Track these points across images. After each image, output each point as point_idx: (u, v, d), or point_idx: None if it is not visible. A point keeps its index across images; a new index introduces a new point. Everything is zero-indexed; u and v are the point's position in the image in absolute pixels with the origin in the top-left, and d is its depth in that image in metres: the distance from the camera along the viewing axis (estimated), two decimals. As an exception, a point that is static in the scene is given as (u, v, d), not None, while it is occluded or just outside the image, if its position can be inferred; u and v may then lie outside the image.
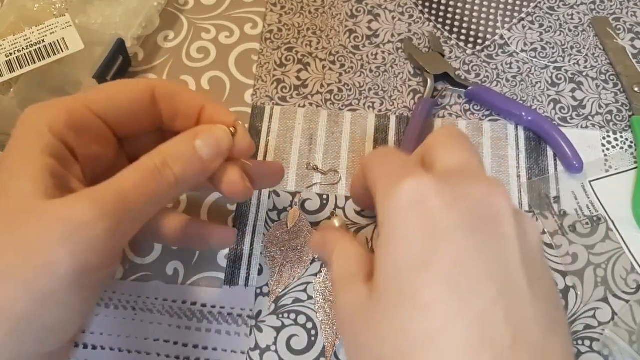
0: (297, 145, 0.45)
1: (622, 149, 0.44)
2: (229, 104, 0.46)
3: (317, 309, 0.38)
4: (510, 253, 0.25)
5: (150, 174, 0.28)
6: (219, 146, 0.30)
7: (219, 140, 0.30)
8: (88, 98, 0.30)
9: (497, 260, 0.24)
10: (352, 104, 0.46)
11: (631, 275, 0.39)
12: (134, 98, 0.31)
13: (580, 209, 0.42)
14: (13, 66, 0.43)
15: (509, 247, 0.25)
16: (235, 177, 0.31)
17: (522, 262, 0.25)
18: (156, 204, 0.29)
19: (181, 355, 0.37)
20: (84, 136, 0.29)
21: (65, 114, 0.28)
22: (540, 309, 0.24)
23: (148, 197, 0.28)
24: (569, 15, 0.51)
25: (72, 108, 0.29)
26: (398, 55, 0.49)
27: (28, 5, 0.47)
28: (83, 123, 0.29)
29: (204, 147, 0.30)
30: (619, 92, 0.47)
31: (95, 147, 0.30)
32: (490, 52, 0.49)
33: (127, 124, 0.31)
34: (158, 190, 0.28)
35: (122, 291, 0.39)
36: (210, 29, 0.50)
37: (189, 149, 0.30)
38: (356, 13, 0.51)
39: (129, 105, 0.31)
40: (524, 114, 0.44)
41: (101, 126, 0.30)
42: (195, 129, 0.31)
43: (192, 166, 0.29)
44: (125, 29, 0.46)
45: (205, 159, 0.30)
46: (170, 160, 0.29)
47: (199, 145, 0.30)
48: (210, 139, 0.30)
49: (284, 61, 0.48)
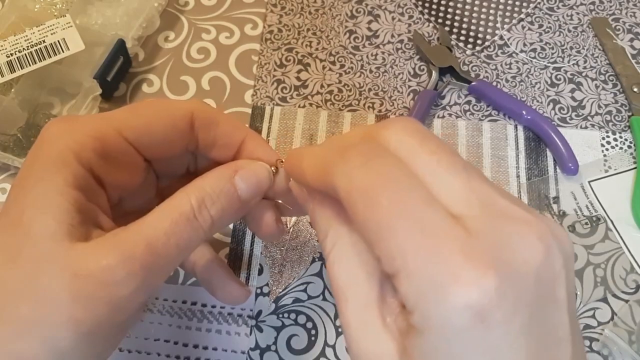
0: (297, 146, 0.45)
1: (621, 149, 0.44)
2: (229, 104, 0.47)
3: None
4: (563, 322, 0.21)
5: (185, 221, 0.26)
6: (259, 186, 0.28)
7: (261, 179, 0.28)
8: (121, 121, 0.27)
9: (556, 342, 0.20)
10: (352, 105, 0.46)
11: (630, 275, 0.39)
12: (172, 125, 0.28)
13: (579, 209, 0.42)
14: (14, 66, 0.43)
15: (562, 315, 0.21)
16: (270, 219, 0.30)
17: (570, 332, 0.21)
18: (188, 251, 0.27)
19: (181, 355, 0.38)
20: (113, 163, 0.27)
21: (94, 140, 0.26)
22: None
23: (181, 247, 0.26)
24: (568, 15, 0.51)
25: (102, 133, 0.26)
26: (398, 55, 0.49)
27: (29, 5, 0.47)
28: (113, 150, 0.27)
29: (244, 186, 0.28)
30: (618, 93, 0.47)
31: (124, 174, 0.28)
32: (489, 53, 0.49)
33: (160, 149, 0.29)
34: (192, 237, 0.26)
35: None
36: (211, 30, 0.50)
37: (229, 188, 0.27)
38: (356, 14, 0.51)
39: (165, 132, 0.28)
40: (524, 112, 0.44)
41: (132, 153, 0.28)
42: (235, 164, 0.29)
43: (231, 207, 0.27)
44: (125, 29, 0.47)
45: (244, 199, 0.28)
46: (209, 200, 0.26)
47: (239, 182, 0.28)
48: (252, 178, 0.28)
49: (284, 62, 0.48)
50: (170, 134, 0.28)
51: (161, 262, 0.25)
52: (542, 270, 0.20)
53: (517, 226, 0.20)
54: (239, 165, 0.29)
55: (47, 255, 0.23)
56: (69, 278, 0.23)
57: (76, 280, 0.23)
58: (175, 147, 0.29)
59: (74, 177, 0.25)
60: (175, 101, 0.33)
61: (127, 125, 0.27)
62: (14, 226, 0.24)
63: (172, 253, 0.25)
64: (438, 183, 0.21)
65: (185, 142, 0.29)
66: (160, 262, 0.25)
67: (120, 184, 0.28)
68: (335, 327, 0.38)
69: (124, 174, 0.28)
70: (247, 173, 0.28)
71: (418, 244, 0.19)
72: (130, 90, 0.47)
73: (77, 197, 0.25)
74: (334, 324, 0.38)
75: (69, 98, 0.45)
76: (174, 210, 0.26)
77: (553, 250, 0.20)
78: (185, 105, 0.29)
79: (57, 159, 0.25)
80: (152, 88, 0.47)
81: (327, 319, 0.38)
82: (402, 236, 0.19)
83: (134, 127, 0.27)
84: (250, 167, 0.29)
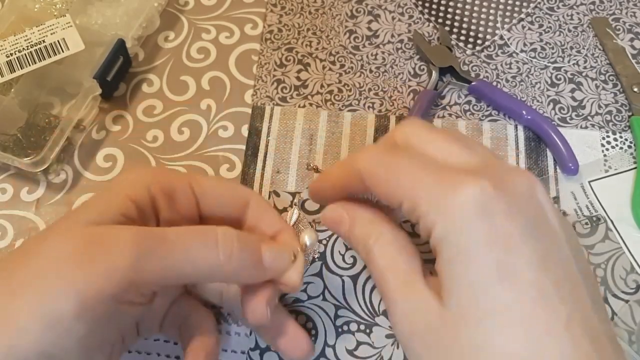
0: (297, 146, 0.45)
1: (621, 149, 0.44)
2: (229, 104, 0.47)
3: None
4: (565, 248, 0.25)
5: (203, 236, 0.28)
6: (279, 260, 0.30)
7: (283, 255, 0.31)
8: (194, 179, 0.32)
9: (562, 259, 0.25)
10: (352, 104, 0.46)
11: (630, 275, 0.39)
12: (234, 200, 0.33)
13: (579, 209, 0.42)
14: (14, 66, 0.43)
15: (562, 242, 0.25)
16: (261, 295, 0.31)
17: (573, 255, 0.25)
18: (195, 268, 0.28)
19: (181, 356, 0.37)
20: (174, 204, 0.31)
21: (166, 182, 0.31)
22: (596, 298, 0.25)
23: (189, 255, 0.28)
24: (568, 15, 0.51)
25: (176, 180, 0.31)
26: (398, 55, 0.49)
27: (29, 5, 0.47)
28: (178, 194, 0.31)
29: (267, 252, 0.30)
30: (619, 93, 0.47)
31: (179, 217, 0.32)
32: (489, 53, 0.49)
33: (216, 216, 0.33)
34: (203, 255, 0.28)
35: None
36: (211, 30, 0.50)
37: (256, 243, 0.30)
38: (356, 13, 0.51)
39: (226, 203, 0.33)
40: (524, 112, 0.44)
41: (192, 204, 0.32)
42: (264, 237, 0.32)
43: (252, 257, 0.29)
44: (125, 29, 0.46)
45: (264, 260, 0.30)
46: (236, 239, 0.29)
47: (264, 248, 0.30)
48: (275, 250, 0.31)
49: (284, 61, 0.48)
50: (229, 205, 0.33)
51: (163, 254, 0.27)
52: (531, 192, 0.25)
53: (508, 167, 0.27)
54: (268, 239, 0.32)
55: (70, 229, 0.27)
56: (71, 243, 0.26)
57: (86, 245, 0.26)
58: (227, 217, 0.33)
59: (135, 196, 0.29)
60: (241, 186, 0.40)
61: (197, 182, 0.32)
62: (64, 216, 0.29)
63: (178, 255, 0.27)
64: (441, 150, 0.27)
65: (235, 217, 0.33)
66: (162, 253, 0.27)
67: (171, 221, 0.31)
68: (335, 327, 0.38)
69: (179, 216, 0.32)
70: (274, 245, 0.31)
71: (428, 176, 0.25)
72: (130, 90, 0.47)
73: (130, 208, 0.29)
74: (334, 324, 0.38)
75: (68, 98, 0.45)
76: (200, 227, 0.29)
77: (538, 183, 0.26)
78: (248, 191, 0.35)
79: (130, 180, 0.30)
80: (152, 88, 0.47)
81: (327, 319, 0.38)
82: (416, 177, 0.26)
83: (203, 185, 0.32)
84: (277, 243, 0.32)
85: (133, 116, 0.46)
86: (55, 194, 0.43)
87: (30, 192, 0.43)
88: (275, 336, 0.34)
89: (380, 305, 0.39)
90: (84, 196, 0.43)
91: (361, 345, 0.38)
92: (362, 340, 0.38)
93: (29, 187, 0.43)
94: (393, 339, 0.38)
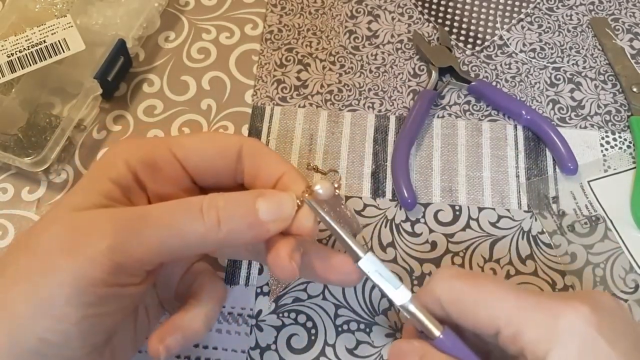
0: (297, 146, 0.45)
1: (620, 149, 0.44)
2: (229, 104, 0.47)
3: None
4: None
5: (186, 208, 0.28)
6: (280, 210, 0.29)
7: (283, 204, 0.29)
8: (174, 142, 0.31)
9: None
10: (352, 105, 0.47)
11: (630, 274, 0.40)
12: (221, 152, 0.31)
13: (578, 208, 0.42)
14: (14, 66, 0.43)
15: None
16: (282, 251, 0.29)
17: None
18: (183, 240, 0.27)
19: (182, 355, 0.38)
20: (159, 174, 0.30)
21: (144, 152, 0.30)
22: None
23: (173, 229, 0.27)
24: (567, 15, 0.51)
25: (154, 147, 0.30)
26: (398, 55, 0.49)
27: (29, 5, 0.47)
28: (160, 162, 0.30)
29: (264, 206, 0.28)
30: (618, 93, 0.47)
31: (168, 187, 0.31)
32: (489, 53, 0.49)
33: (208, 174, 0.31)
34: (188, 226, 0.27)
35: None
36: (211, 30, 0.50)
37: (248, 202, 0.28)
38: (356, 14, 0.51)
39: (212, 156, 0.31)
40: (523, 112, 0.45)
41: (179, 169, 0.31)
42: (261, 190, 0.30)
43: (245, 219, 0.28)
44: (126, 29, 0.47)
45: (262, 219, 0.28)
46: (222, 203, 0.28)
47: (260, 202, 0.28)
48: (274, 201, 0.29)
49: (284, 62, 0.49)
50: (217, 159, 0.31)
51: (144, 233, 0.27)
52: (621, 310, 0.27)
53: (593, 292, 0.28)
54: (264, 190, 0.30)
55: (56, 217, 0.28)
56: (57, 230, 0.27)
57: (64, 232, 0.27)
58: (222, 174, 0.31)
59: (114, 175, 0.29)
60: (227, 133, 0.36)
61: (177, 143, 0.30)
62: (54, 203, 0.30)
63: (161, 231, 0.27)
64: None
65: (232, 173, 0.31)
66: (143, 233, 0.27)
67: (162, 194, 0.31)
68: (335, 326, 0.38)
69: (169, 187, 0.31)
70: (271, 196, 0.29)
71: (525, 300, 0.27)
72: (131, 90, 0.47)
73: (110, 188, 0.29)
74: (333, 323, 0.38)
75: (69, 98, 0.45)
76: (181, 200, 0.28)
77: (615, 298, 0.28)
78: (236, 137, 0.32)
79: (106, 161, 0.30)
80: (152, 88, 0.47)
81: (327, 318, 0.38)
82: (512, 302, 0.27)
83: (183, 145, 0.30)
84: (275, 192, 0.30)
85: (133, 116, 0.46)
86: (56, 193, 0.43)
87: (31, 191, 0.43)
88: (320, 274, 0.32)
89: (380, 305, 0.39)
90: (85, 196, 0.43)
91: (361, 344, 0.38)
92: (362, 339, 0.38)
93: (29, 187, 0.43)
94: (393, 338, 0.38)
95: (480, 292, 0.27)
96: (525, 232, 0.41)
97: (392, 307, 0.38)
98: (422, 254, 0.41)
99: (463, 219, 0.42)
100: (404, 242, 0.41)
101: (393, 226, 0.41)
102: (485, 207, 0.42)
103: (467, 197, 0.43)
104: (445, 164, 0.44)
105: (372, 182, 0.43)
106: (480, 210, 0.42)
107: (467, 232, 0.41)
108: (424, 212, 0.42)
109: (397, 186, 0.42)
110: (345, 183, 0.43)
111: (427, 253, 0.41)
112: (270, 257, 0.29)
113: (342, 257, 0.31)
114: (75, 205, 0.28)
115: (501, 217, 0.42)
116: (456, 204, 0.42)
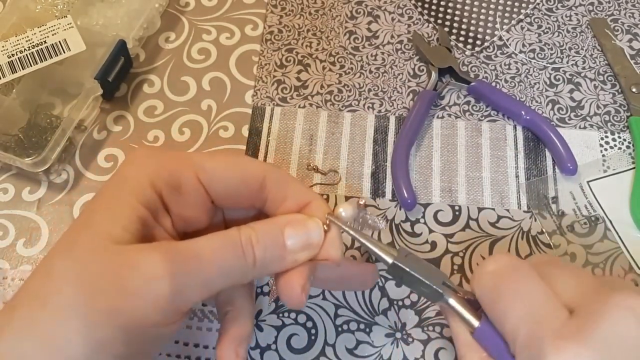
0: (298, 146, 0.45)
1: (620, 149, 0.45)
2: (230, 104, 0.47)
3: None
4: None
5: (232, 246, 0.28)
6: (308, 238, 0.29)
7: (310, 231, 0.29)
8: (197, 163, 0.30)
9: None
10: (352, 105, 0.47)
11: (629, 274, 0.40)
12: (246, 180, 0.30)
13: (578, 209, 0.42)
14: (15, 67, 0.43)
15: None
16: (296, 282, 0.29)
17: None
18: (228, 278, 0.28)
19: (182, 354, 0.38)
20: (182, 198, 0.30)
21: (168, 173, 0.29)
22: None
23: (223, 270, 0.27)
24: (567, 16, 0.51)
25: (178, 167, 0.30)
26: (397, 56, 0.49)
27: (30, 6, 0.47)
28: (184, 186, 0.30)
29: (292, 235, 0.29)
30: (617, 93, 0.47)
31: (191, 210, 0.31)
32: (489, 53, 0.49)
33: (230, 200, 0.31)
34: (234, 265, 0.28)
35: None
36: (211, 30, 0.50)
37: (276, 232, 0.29)
38: (356, 14, 0.51)
39: (238, 186, 0.31)
40: (523, 112, 0.45)
41: (202, 193, 0.30)
42: (289, 217, 0.30)
43: (275, 250, 0.29)
44: (126, 30, 0.47)
45: (290, 248, 0.29)
46: (254, 238, 0.28)
47: (288, 231, 0.29)
48: (301, 229, 0.29)
49: (284, 62, 0.49)
50: (241, 188, 0.31)
51: (201, 276, 0.27)
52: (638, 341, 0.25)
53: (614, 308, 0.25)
54: (292, 217, 0.30)
55: (99, 247, 0.26)
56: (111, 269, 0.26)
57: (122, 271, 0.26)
58: (243, 200, 0.31)
59: (144, 198, 0.28)
60: (250, 158, 0.35)
61: (202, 168, 0.30)
62: (80, 224, 0.28)
63: (213, 272, 0.27)
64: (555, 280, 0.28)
65: (252, 200, 0.31)
66: (200, 275, 0.27)
67: (185, 217, 0.31)
68: (335, 326, 0.38)
69: (190, 210, 0.31)
70: (298, 224, 0.29)
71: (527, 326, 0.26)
72: (132, 90, 0.47)
73: (144, 214, 0.28)
74: (333, 323, 0.38)
75: (70, 98, 0.45)
76: (224, 237, 0.28)
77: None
78: (260, 165, 0.31)
79: (133, 181, 0.29)
80: (153, 88, 0.47)
81: (327, 318, 0.38)
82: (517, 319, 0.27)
83: (207, 170, 0.30)
84: (302, 219, 0.30)
85: (134, 116, 0.46)
86: (57, 194, 0.43)
87: (32, 192, 0.43)
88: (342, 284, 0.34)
89: (380, 305, 0.39)
90: (85, 196, 0.43)
91: (361, 344, 0.38)
92: (361, 339, 0.38)
93: (30, 187, 0.43)
94: (392, 338, 0.38)
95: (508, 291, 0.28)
96: (524, 232, 0.41)
97: (392, 307, 0.39)
98: (422, 254, 0.41)
99: (463, 219, 0.42)
100: (404, 242, 0.41)
101: (393, 226, 0.42)
102: (485, 207, 0.42)
103: (466, 198, 0.43)
104: (445, 164, 0.44)
105: (372, 183, 0.43)
106: (479, 211, 0.42)
107: (467, 232, 0.41)
108: (423, 213, 0.42)
109: (397, 186, 0.42)
110: (345, 183, 0.43)
111: (427, 253, 0.41)
112: (282, 284, 0.30)
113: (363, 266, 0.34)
114: (115, 237, 0.27)
115: (501, 217, 0.42)
116: (456, 204, 0.42)
